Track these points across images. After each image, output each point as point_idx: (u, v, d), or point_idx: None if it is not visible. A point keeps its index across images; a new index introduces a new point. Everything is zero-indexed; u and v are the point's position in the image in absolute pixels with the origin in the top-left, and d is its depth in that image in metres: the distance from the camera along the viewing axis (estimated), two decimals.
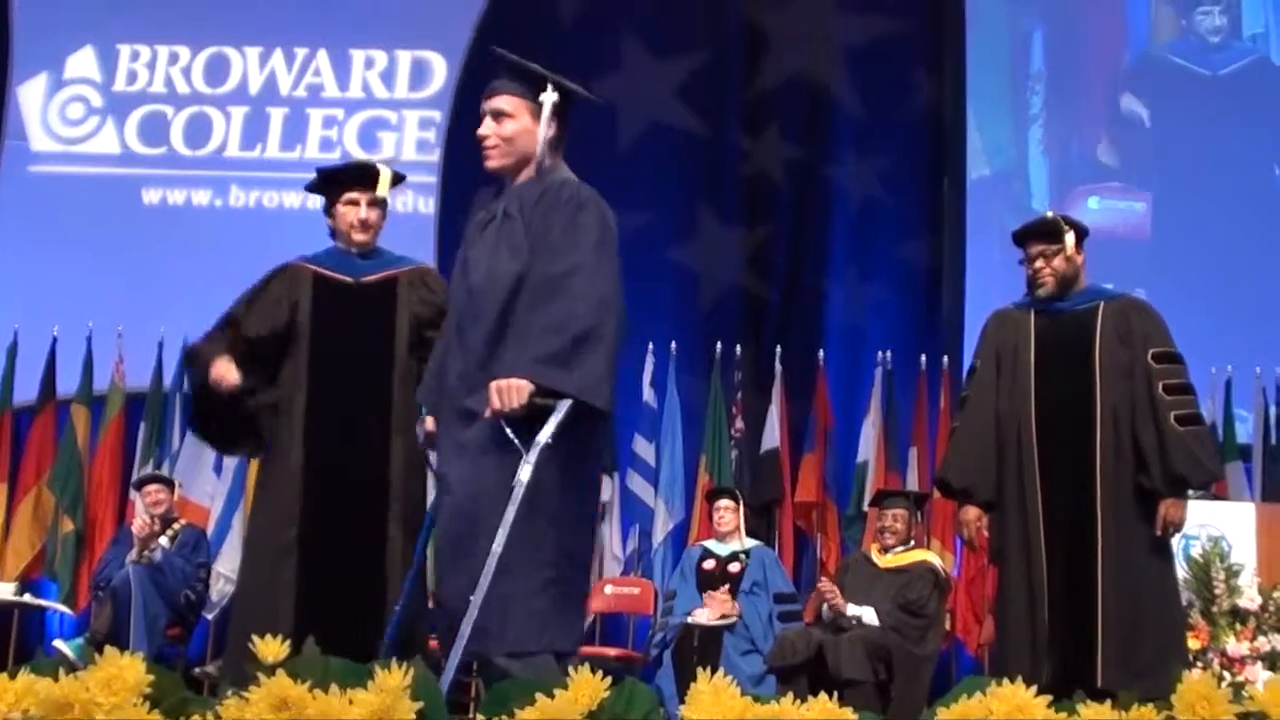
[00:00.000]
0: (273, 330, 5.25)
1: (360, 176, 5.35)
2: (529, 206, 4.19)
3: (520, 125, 4.30)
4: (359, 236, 5.31)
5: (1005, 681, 2.99)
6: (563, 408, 3.93)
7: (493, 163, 4.34)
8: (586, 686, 2.85)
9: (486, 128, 4.33)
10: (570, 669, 2.95)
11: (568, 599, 4.11)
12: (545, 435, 3.90)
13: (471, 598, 3.79)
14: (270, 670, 2.82)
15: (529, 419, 3.93)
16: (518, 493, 3.85)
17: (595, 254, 4.09)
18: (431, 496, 4.64)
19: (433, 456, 4.42)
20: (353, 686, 2.81)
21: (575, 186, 4.24)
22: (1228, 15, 11.49)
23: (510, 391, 3.91)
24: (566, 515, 4.09)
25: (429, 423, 4.44)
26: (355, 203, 5.30)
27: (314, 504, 5.07)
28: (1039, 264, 5.59)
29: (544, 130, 4.28)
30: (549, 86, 4.32)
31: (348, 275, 5.31)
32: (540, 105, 4.30)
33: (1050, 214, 5.94)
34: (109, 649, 2.91)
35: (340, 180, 5.38)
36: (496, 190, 4.48)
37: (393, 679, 2.78)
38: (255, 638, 2.99)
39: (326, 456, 5.13)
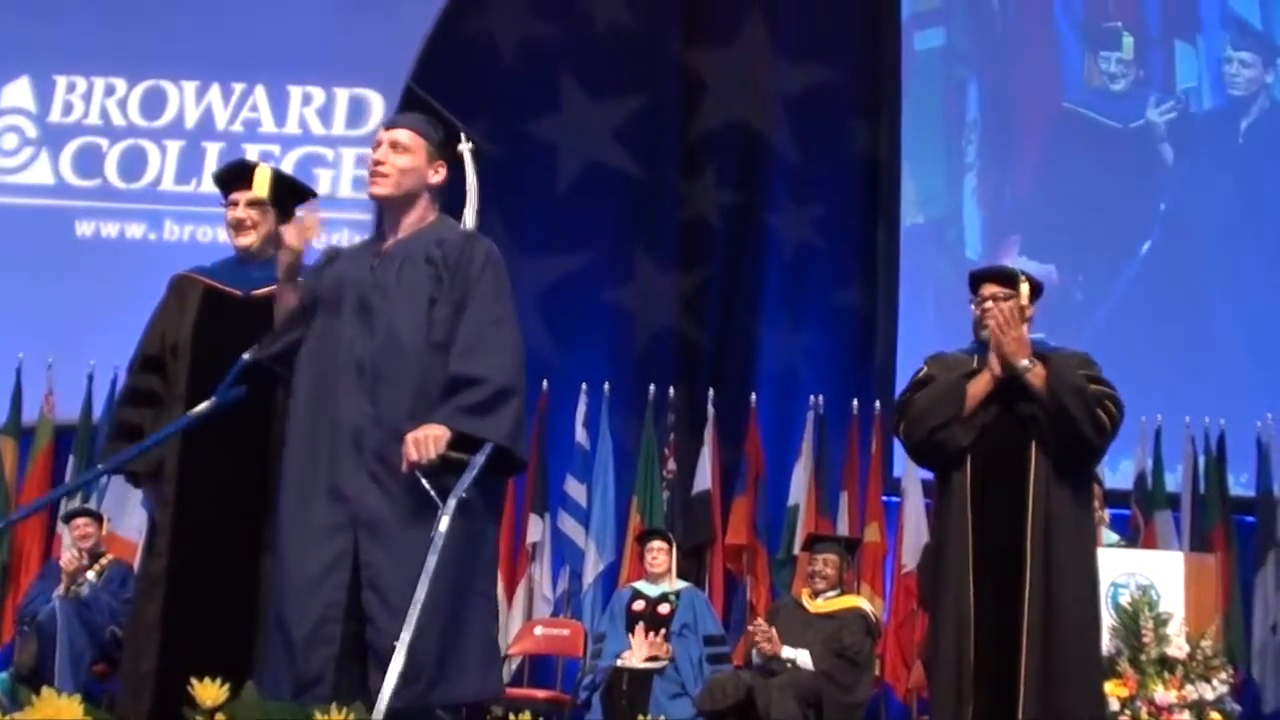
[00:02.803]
0: (173, 345, 5.02)
1: (237, 177, 5.12)
2: (451, 258, 4.22)
3: (415, 162, 4.34)
4: (239, 240, 5.04)
5: None
6: (480, 458, 3.96)
7: (380, 189, 4.33)
8: None
9: (382, 154, 4.34)
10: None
11: (494, 646, 4.20)
12: (462, 487, 3.92)
13: (396, 643, 3.75)
14: (209, 714, 2.80)
15: (442, 471, 3.95)
16: (437, 542, 3.83)
17: (508, 310, 4.19)
18: None
19: None
20: None
21: (485, 241, 4.30)
22: (1145, 68, 11.68)
23: (426, 442, 3.94)
24: (489, 564, 4.21)
25: None
26: (234, 203, 5.07)
27: (185, 533, 4.80)
28: (989, 305, 5.62)
29: (426, 168, 4.36)
30: (463, 138, 4.40)
31: (237, 287, 5.04)
32: (437, 151, 4.37)
33: (1009, 264, 6.01)
34: (46, 690, 2.87)
35: (223, 182, 5.18)
36: (378, 231, 4.48)
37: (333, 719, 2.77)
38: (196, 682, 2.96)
39: (201, 482, 4.84)
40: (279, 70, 11.73)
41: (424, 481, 3.94)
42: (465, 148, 4.39)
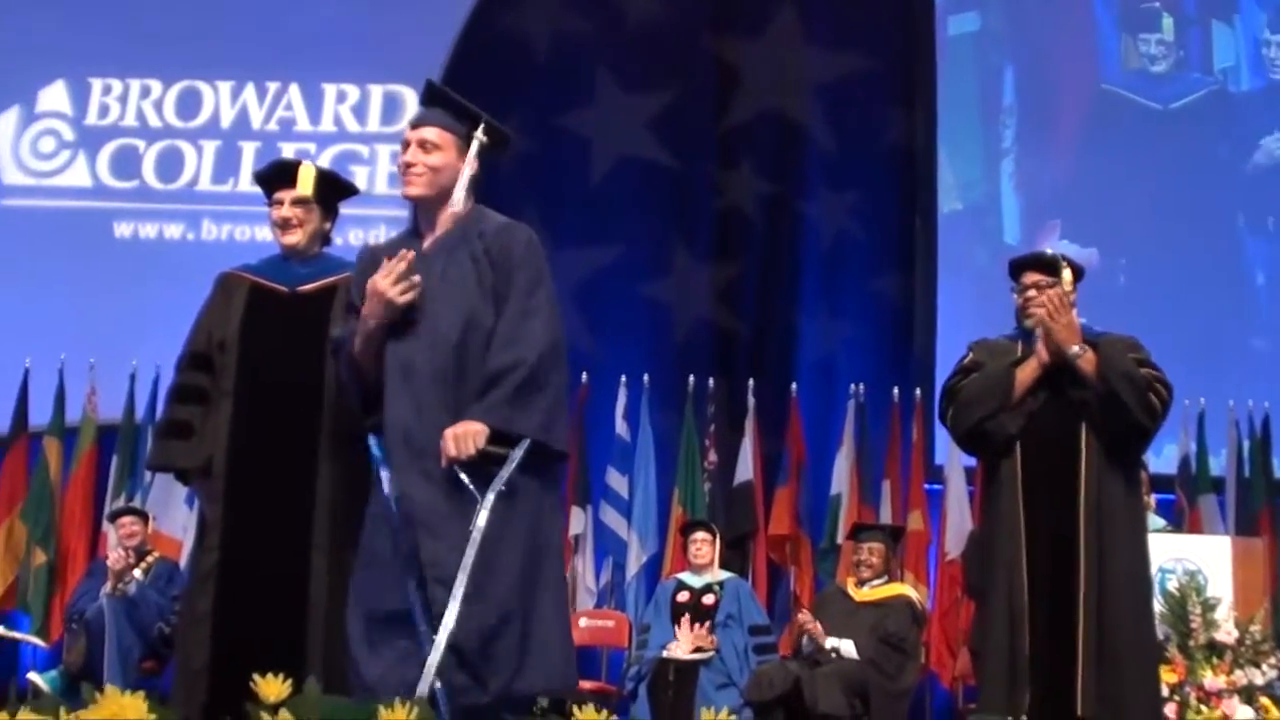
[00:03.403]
0: (220, 341, 5.01)
1: (281, 175, 5.10)
2: (492, 251, 4.24)
3: (446, 159, 4.35)
4: (285, 239, 5.03)
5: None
6: (517, 453, 4.00)
7: (415, 190, 4.35)
8: None
9: (413, 155, 4.35)
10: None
11: (569, 636, 4.24)
12: (500, 481, 3.96)
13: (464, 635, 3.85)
14: (272, 710, 2.81)
15: (483, 465, 3.98)
16: (475, 537, 3.89)
17: (544, 299, 4.20)
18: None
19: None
20: None
21: (523, 230, 4.32)
22: (1185, 48, 11.61)
23: (465, 438, 3.98)
24: (555, 553, 4.23)
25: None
26: (279, 202, 5.05)
27: (236, 529, 4.81)
28: (1031, 293, 5.60)
29: (469, 167, 4.35)
30: (480, 126, 4.39)
31: (284, 284, 5.04)
32: (466, 143, 4.37)
33: (1050, 250, 5.97)
34: (110, 687, 2.88)
35: (266, 182, 5.16)
36: (413, 228, 4.48)
37: (395, 716, 2.77)
38: (257, 678, 2.97)
39: (251, 479, 4.86)
40: (313, 68, 11.75)
41: (463, 476, 3.98)
42: (478, 135, 4.38)
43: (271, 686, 2.91)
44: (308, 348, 4.83)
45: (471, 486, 3.96)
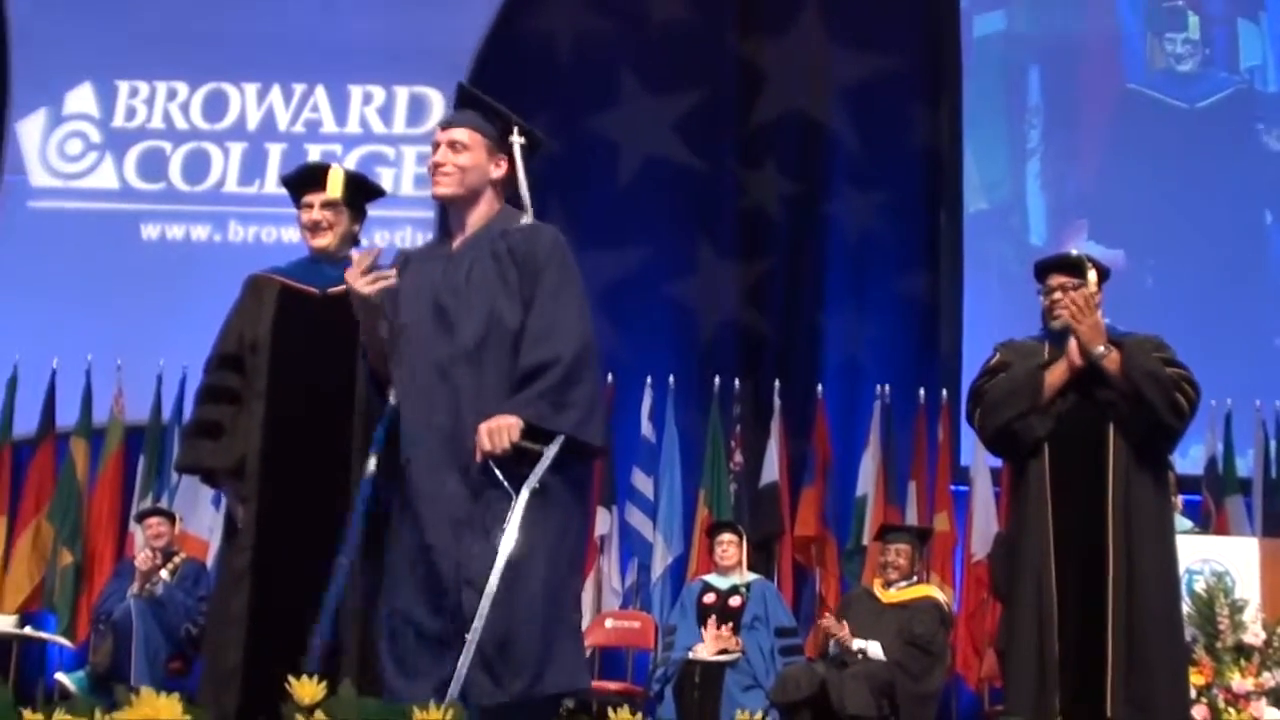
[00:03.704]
0: (252, 342, 5.07)
1: (309, 179, 5.17)
2: (518, 253, 4.25)
3: (475, 159, 4.37)
4: (315, 241, 5.10)
5: None
6: (552, 449, 4.00)
7: (444, 189, 4.37)
8: None
9: (442, 155, 4.37)
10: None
11: (581, 636, 4.28)
12: (535, 478, 3.97)
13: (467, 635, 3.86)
14: (307, 711, 2.81)
15: (517, 461, 3.98)
16: (509, 533, 3.91)
17: (574, 297, 4.22)
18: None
19: None
20: None
21: (549, 230, 4.34)
22: (1211, 47, 11.57)
23: (500, 432, 3.97)
24: (577, 553, 4.23)
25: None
26: (309, 205, 5.11)
27: (269, 528, 4.86)
28: (1057, 295, 5.59)
29: (487, 164, 4.38)
30: (515, 130, 4.41)
31: (314, 286, 5.09)
32: (496, 145, 4.40)
33: (1075, 251, 5.96)
34: (145, 688, 2.89)
35: (295, 186, 5.23)
36: (443, 229, 4.53)
37: (430, 718, 2.78)
38: (291, 679, 2.97)
39: (283, 479, 4.91)
40: (339, 70, 11.78)
41: (497, 471, 3.98)
42: (516, 140, 4.40)
43: (306, 688, 2.92)
44: (339, 349, 4.81)
45: (505, 483, 3.97)
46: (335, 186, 5.06)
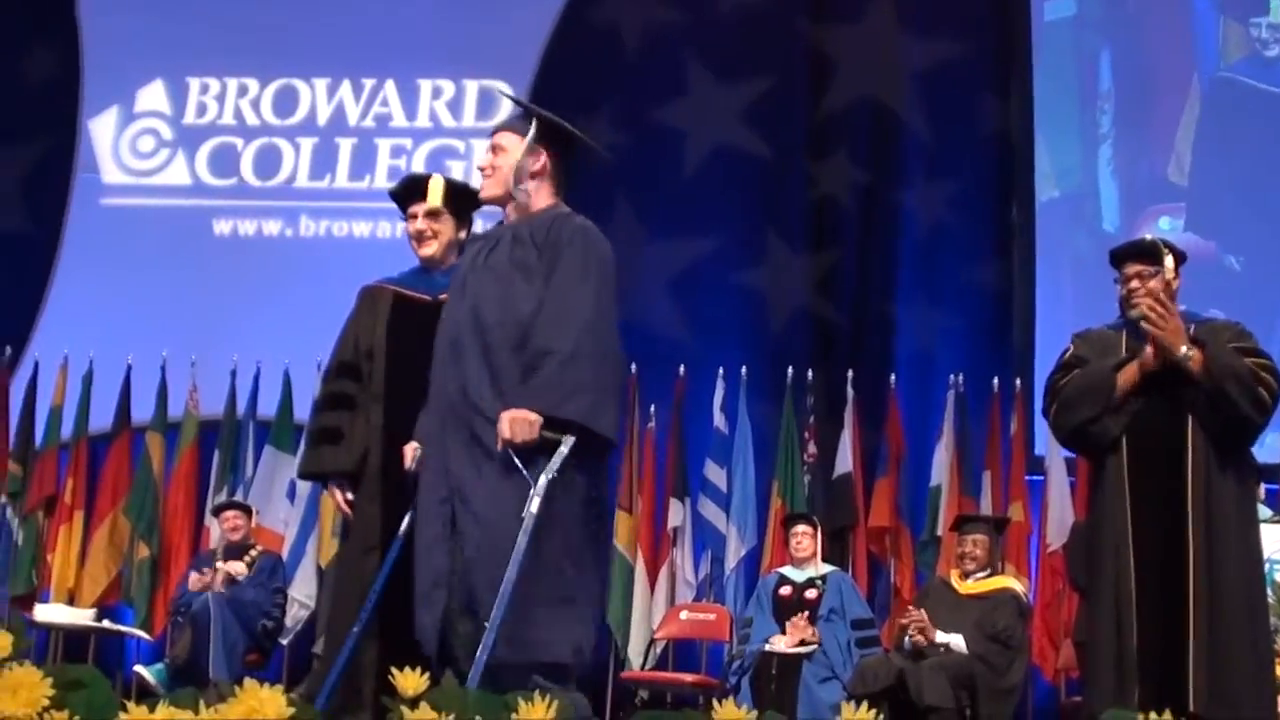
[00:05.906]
0: (368, 349, 5.25)
1: (412, 190, 5.35)
2: (539, 238, 4.41)
3: (512, 158, 4.56)
4: (421, 250, 5.28)
5: None
6: (570, 440, 4.13)
7: (487, 192, 4.65)
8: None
9: (484, 159, 4.63)
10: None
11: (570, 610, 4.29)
12: (552, 469, 4.10)
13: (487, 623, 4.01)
14: (411, 703, 2.82)
15: (538, 450, 4.12)
16: (528, 523, 4.04)
17: (588, 284, 4.34)
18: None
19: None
20: (493, 718, 2.81)
21: (577, 219, 4.48)
22: None
23: (520, 423, 4.12)
24: (580, 540, 4.32)
25: (409, 452, 4.65)
26: (414, 216, 5.30)
27: (394, 528, 4.92)
28: (1134, 284, 5.51)
29: (522, 160, 4.54)
30: (535, 120, 4.59)
31: (426, 293, 5.25)
32: (534, 140, 4.57)
33: (1149, 236, 5.88)
34: (249, 681, 2.90)
35: (399, 198, 5.41)
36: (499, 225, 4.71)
37: (536, 711, 2.78)
38: (395, 671, 2.98)
39: (405, 479, 4.95)
40: (408, 64, 11.82)
41: (516, 460, 4.13)
42: (531, 129, 4.57)
43: (409, 680, 2.93)
44: None
45: (524, 471, 4.11)
46: (436, 195, 5.23)
